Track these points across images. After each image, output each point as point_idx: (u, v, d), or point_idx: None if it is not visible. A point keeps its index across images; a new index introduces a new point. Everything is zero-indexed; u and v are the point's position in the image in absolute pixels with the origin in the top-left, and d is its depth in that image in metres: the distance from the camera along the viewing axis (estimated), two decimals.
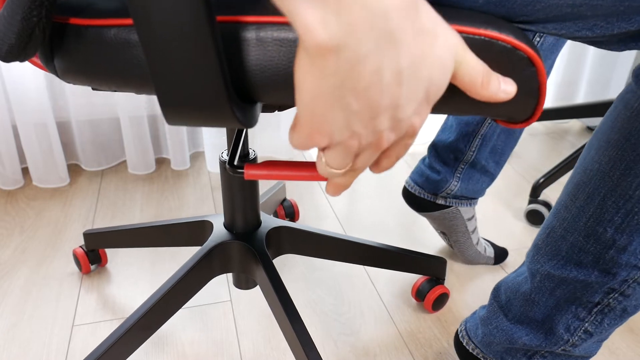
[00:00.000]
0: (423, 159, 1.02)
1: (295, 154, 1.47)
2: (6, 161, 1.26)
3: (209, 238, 0.82)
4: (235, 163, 0.64)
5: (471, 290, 1.02)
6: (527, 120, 0.44)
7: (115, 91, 0.46)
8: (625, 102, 0.51)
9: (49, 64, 0.46)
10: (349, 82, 0.30)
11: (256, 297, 0.98)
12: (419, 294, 0.96)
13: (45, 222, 1.18)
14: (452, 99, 0.40)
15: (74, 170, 1.39)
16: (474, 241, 1.06)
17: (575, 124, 1.77)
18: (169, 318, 0.79)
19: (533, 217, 1.23)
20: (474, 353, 0.74)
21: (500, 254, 1.09)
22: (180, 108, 0.39)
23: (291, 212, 1.19)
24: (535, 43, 0.86)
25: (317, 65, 0.29)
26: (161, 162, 1.44)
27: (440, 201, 1.00)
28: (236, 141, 0.73)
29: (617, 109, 0.52)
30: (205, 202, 1.27)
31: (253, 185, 0.80)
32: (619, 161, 0.52)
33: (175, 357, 0.86)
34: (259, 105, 0.46)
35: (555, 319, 0.63)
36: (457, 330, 0.79)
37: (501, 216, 1.25)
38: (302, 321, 0.73)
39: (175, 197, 1.29)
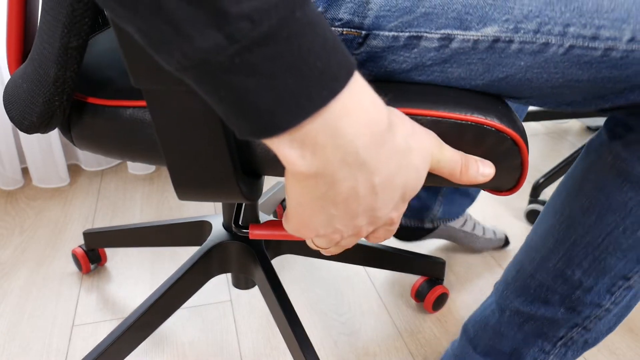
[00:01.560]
0: None
1: None
2: (6, 161, 1.26)
3: (208, 238, 0.82)
4: (240, 223, 0.69)
5: (471, 290, 1.02)
6: (512, 189, 0.47)
7: (127, 161, 0.49)
8: (599, 154, 0.54)
9: (65, 133, 0.49)
10: (328, 197, 0.33)
11: (256, 297, 0.98)
12: (419, 295, 0.96)
13: (45, 222, 1.18)
14: (436, 179, 0.44)
15: (74, 170, 1.39)
16: (479, 234, 1.09)
17: (575, 124, 1.77)
18: (168, 317, 0.79)
19: (533, 217, 1.23)
20: None
21: (504, 242, 1.14)
22: (192, 188, 0.42)
23: None
24: None
25: (300, 184, 0.33)
26: None
27: (428, 225, 1.04)
28: (239, 205, 0.77)
29: (589, 159, 0.55)
30: (204, 203, 1.27)
31: None
32: (590, 210, 0.54)
33: (175, 357, 0.86)
34: (263, 178, 0.49)
35: (522, 352, 0.65)
36: None
37: (501, 216, 1.25)
38: (299, 321, 0.73)
39: (175, 198, 1.29)
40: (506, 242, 1.13)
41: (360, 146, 0.31)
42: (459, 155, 0.40)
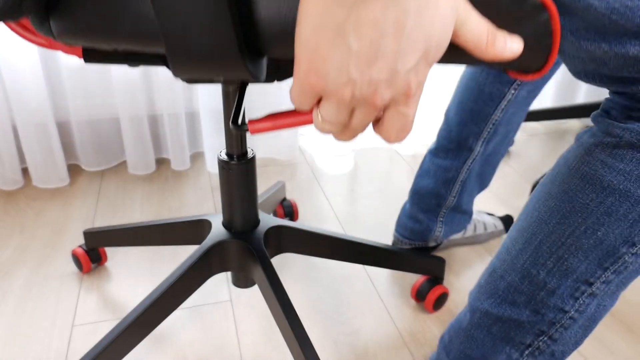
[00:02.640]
0: (403, 209, 1.06)
1: (296, 155, 1.47)
2: (6, 161, 1.26)
3: (208, 237, 0.82)
4: (239, 122, 0.62)
5: (470, 290, 1.02)
6: (540, 69, 0.43)
7: (115, 50, 0.44)
8: (565, 160, 0.56)
9: (43, 25, 0.44)
10: (353, 18, 0.30)
11: (256, 296, 0.98)
12: (419, 295, 0.96)
13: (45, 222, 1.18)
14: (460, 53, 0.39)
15: (74, 170, 1.39)
16: (481, 232, 1.12)
17: (575, 124, 1.77)
18: (167, 316, 0.79)
19: None
20: None
21: (507, 221, 1.17)
22: (190, 57, 0.38)
23: (290, 212, 1.19)
24: (510, 95, 0.89)
25: None
26: (161, 163, 1.44)
27: (432, 244, 1.05)
28: (239, 100, 0.69)
29: (559, 165, 0.57)
30: (205, 203, 1.27)
31: (251, 183, 0.80)
32: (556, 211, 0.56)
33: (175, 357, 0.86)
34: (265, 60, 0.45)
35: (490, 359, 0.66)
36: None
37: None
38: (299, 319, 0.73)
39: (175, 198, 1.29)
40: (508, 225, 1.17)
41: None
42: (485, 24, 0.37)
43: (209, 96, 1.31)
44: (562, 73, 1.71)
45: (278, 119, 0.43)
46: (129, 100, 1.27)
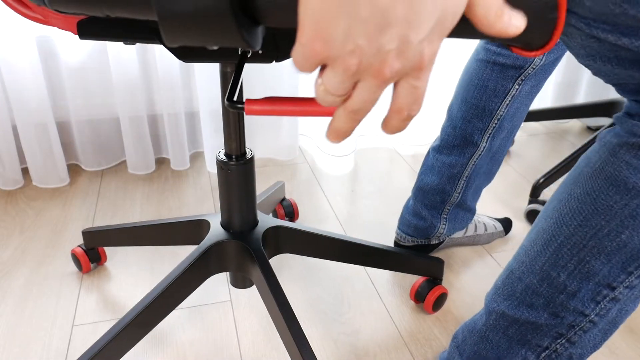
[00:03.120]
0: (407, 206, 1.06)
1: (296, 155, 1.47)
2: (6, 161, 1.26)
3: (206, 237, 0.82)
4: (235, 99, 0.59)
5: (470, 290, 1.02)
6: (544, 45, 0.41)
7: (107, 16, 0.42)
8: (588, 160, 0.55)
9: None
10: None
11: (255, 297, 0.98)
12: (418, 296, 0.96)
13: (45, 222, 1.18)
14: (465, 26, 0.38)
15: (74, 170, 1.39)
16: (481, 232, 1.12)
17: (575, 124, 1.77)
18: (165, 316, 0.79)
19: (533, 217, 1.22)
20: None
21: (507, 224, 1.18)
22: (180, 21, 0.36)
23: (290, 212, 1.19)
24: (514, 91, 0.89)
25: None
26: (161, 162, 1.44)
27: (434, 241, 1.05)
28: (236, 76, 0.66)
29: (580, 166, 0.56)
30: (205, 203, 1.27)
31: (250, 183, 0.80)
32: (578, 213, 0.55)
33: (175, 357, 0.86)
34: (261, 29, 0.43)
35: None
36: None
37: (501, 216, 1.25)
38: (296, 318, 0.73)
39: (175, 197, 1.29)
40: (507, 227, 1.17)
41: None
42: None
43: (209, 96, 1.31)
44: (562, 73, 1.70)
45: (277, 104, 0.41)
46: (129, 100, 1.27)
